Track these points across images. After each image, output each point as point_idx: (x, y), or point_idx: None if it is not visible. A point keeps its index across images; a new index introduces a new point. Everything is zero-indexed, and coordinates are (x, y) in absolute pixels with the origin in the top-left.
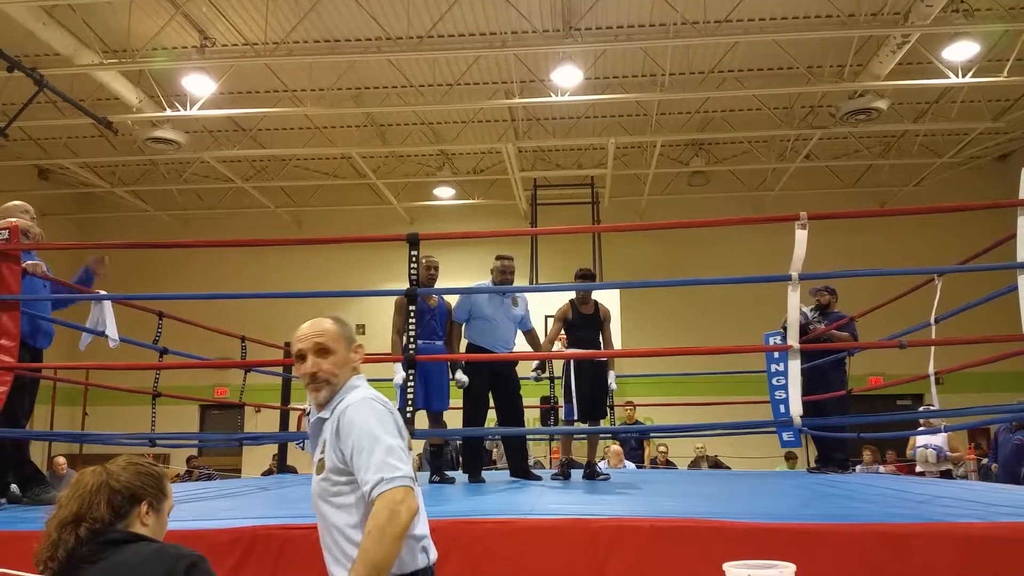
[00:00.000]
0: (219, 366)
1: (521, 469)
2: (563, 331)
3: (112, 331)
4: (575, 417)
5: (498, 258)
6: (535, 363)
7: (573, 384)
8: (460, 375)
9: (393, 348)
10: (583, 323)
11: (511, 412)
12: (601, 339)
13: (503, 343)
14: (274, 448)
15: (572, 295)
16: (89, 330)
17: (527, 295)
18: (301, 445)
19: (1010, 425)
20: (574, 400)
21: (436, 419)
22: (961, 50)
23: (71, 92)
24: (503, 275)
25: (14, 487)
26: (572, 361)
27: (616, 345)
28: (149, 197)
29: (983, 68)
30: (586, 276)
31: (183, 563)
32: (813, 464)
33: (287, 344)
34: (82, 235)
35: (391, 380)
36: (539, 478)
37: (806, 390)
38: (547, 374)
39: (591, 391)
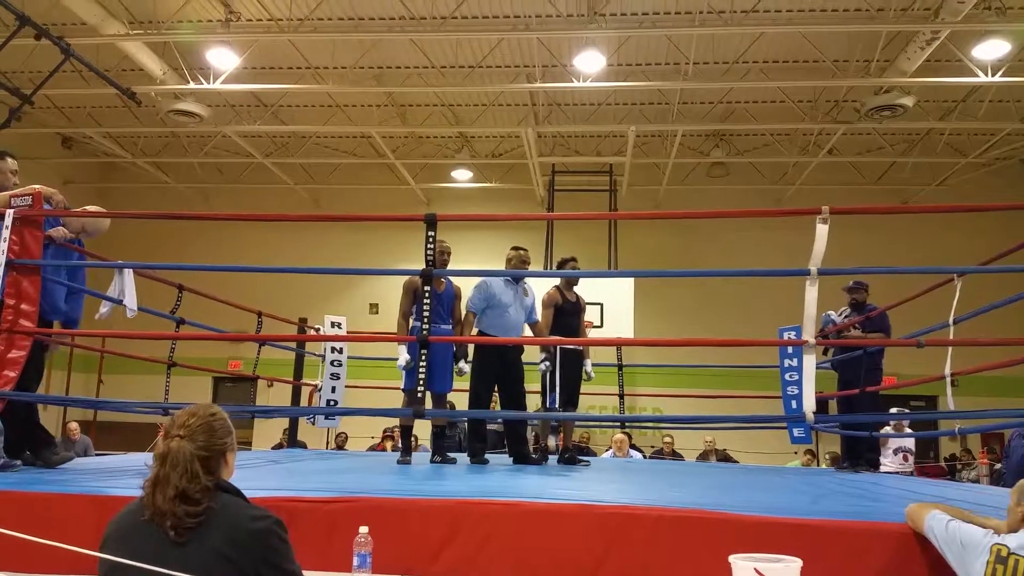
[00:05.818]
0: (235, 339)
1: (520, 453)
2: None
3: (131, 301)
4: (556, 405)
5: (515, 248)
6: (543, 356)
7: (558, 371)
8: (463, 364)
9: (399, 330)
10: (569, 309)
11: (513, 398)
12: (579, 327)
13: (516, 331)
14: (285, 422)
15: (557, 282)
16: (108, 298)
17: (535, 287)
18: (312, 420)
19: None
20: (558, 388)
21: (439, 400)
22: (991, 49)
23: (96, 62)
24: (523, 265)
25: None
26: (559, 349)
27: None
28: (170, 169)
29: (1013, 68)
30: (574, 263)
31: None
32: (843, 463)
33: (302, 320)
34: (103, 204)
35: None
36: (537, 462)
37: (841, 387)
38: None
39: (574, 378)
